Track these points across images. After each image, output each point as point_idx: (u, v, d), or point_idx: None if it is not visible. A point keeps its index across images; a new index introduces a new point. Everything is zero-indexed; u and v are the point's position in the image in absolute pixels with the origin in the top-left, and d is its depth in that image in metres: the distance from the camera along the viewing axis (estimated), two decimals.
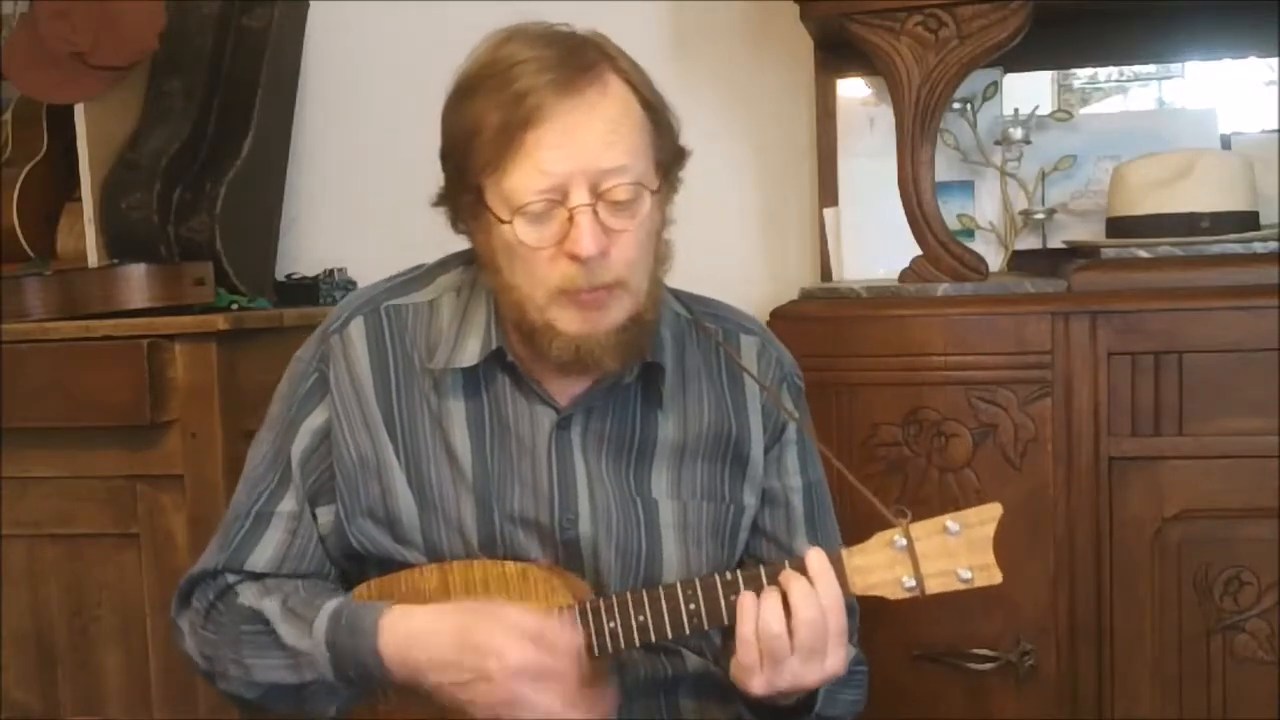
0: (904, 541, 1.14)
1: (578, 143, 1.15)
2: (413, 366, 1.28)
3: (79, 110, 2.01)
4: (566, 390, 1.28)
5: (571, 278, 1.16)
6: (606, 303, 1.18)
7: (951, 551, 1.14)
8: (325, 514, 1.29)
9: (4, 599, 1.94)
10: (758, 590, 1.15)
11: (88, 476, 1.89)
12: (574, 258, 1.15)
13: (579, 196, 1.15)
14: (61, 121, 2.06)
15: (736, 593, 1.16)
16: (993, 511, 1.15)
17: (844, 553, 1.16)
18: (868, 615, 1.68)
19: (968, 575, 1.14)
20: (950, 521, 1.14)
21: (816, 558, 1.15)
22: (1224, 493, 1.62)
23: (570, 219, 1.15)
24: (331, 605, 1.21)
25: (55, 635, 1.95)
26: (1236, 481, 1.62)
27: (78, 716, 1.95)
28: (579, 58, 1.17)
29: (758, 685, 1.15)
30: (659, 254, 1.24)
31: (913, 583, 1.14)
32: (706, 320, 1.35)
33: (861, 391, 1.69)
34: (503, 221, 1.17)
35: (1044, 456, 1.66)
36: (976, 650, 1.69)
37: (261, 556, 1.28)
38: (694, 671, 1.31)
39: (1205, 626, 1.65)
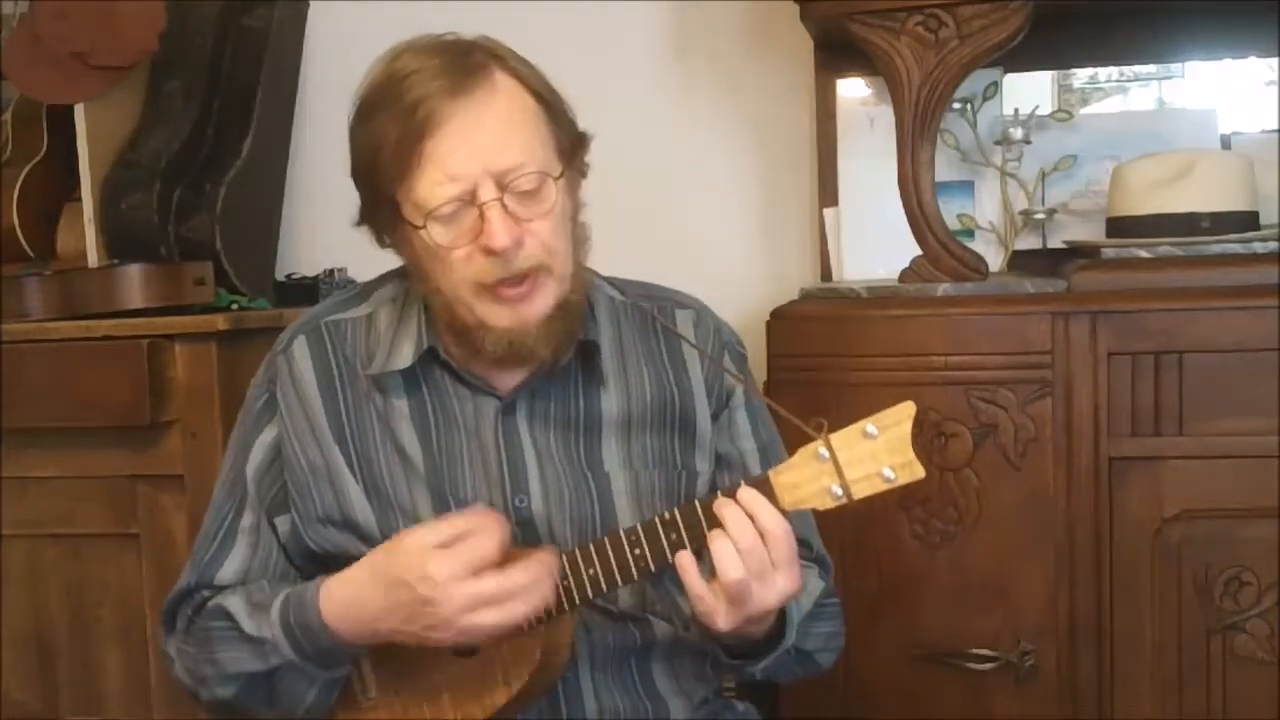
0: (827, 453, 1.16)
1: (475, 142, 1.19)
2: (356, 375, 1.33)
3: (79, 110, 2.00)
4: (506, 380, 1.32)
5: (490, 270, 1.21)
6: (531, 294, 1.22)
7: (873, 454, 1.15)
8: (283, 523, 1.33)
9: (4, 599, 1.94)
10: (695, 524, 1.17)
11: (88, 476, 1.89)
12: (489, 251, 1.19)
13: (486, 192, 1.19)
14: (61, 121, 2.06)
15: (676, 531, 1.18)
16: (907, 410, 1.16)
17: (770, 473, 1.18)
18: (867, 615, 1.69)
19: (891, 475, 1.15)
20: (869, 425, 1.15)
21: (745, 492, 1.17)
22: (1224, 493, 1.62)
23: (481, 215, 1.19)
24: (284, 591, 1.26)
25: (55, 635, 1.95)
26: (1236, 481, 1.62)
27: (77, 717, 1.95)
28: (465, 60, 1.22)
29: (724, 623, 1.17)
30: (577, 237, 1.28)
31: (840, 490, 1.16)
32: (641, 301, 1.38)
33: (861, 391, 1.69)
34: (417, 228, 1.21)
35: (1044, 457, 1.66)
36: (976, 650, 1.69)
37: (229, 570, 1.33)
38: (663, 639, 1.34)
39: (1205, 626, 1.65)
